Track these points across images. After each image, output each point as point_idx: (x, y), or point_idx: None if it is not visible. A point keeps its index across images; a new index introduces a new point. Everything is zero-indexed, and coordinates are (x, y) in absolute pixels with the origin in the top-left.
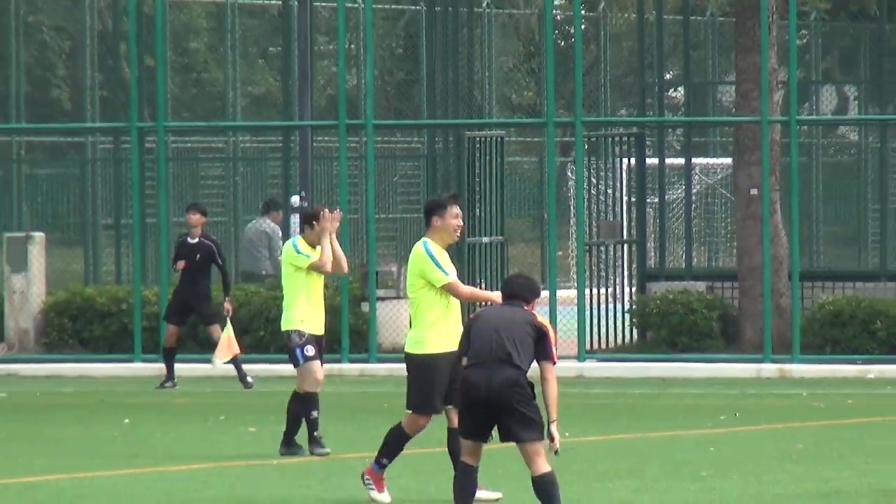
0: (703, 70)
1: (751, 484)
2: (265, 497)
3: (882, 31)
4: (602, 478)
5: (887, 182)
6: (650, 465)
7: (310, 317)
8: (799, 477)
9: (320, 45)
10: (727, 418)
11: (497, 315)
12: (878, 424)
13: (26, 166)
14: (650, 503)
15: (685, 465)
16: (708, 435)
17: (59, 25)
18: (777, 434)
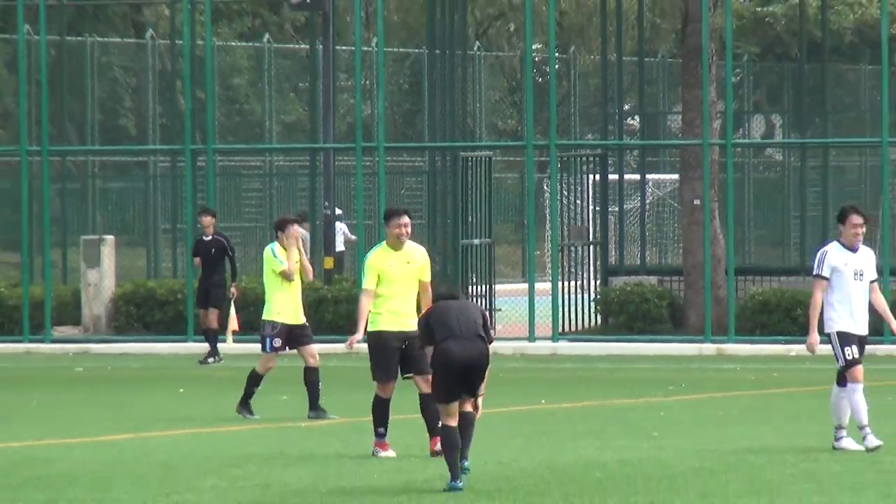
0: (655, 102)
1: (693, 442)
2: (294, 453)
3: (801, 70)
4: (572, 437)
5: (806, 194)
6: (611, 427)
7: (286, 310)
8: (733, 436)
9: (341, 81)
10: (674, 388)
11: (452, 305)
12: (798, 393)
13: (99, 181)
14: (611, 459)
15: (639, 427)
16: (658, 402)
17: (126, 65)
18: (715, 401)
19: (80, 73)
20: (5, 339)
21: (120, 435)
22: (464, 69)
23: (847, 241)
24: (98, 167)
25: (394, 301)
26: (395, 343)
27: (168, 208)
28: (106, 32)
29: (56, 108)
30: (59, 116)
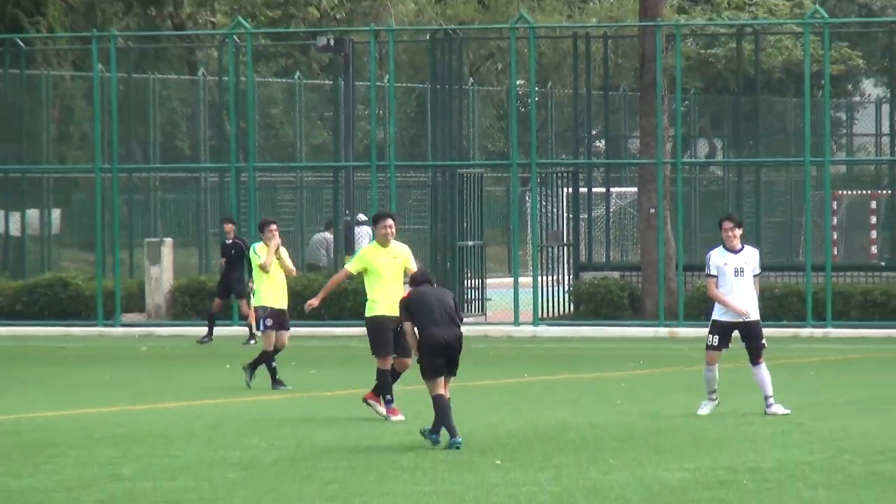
0: (617, 127)
1: (649, 408)
2: (321, 417)
3: (738, 101)
4: (550, 405)
5: (742, 204)
6: (582, 397)
7: (272, 296)
8: (682, 403)
9: (358, 110)
10: (633, 364)
11: (429, 292)
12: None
13: (160, 193)
14: (582, 422)
15: (605, 396)
16: (621, 376)
17: (182, 97)
18: (667, 375)
19: (144, 103)
20: (82, 323)
21: (176, 403)
22: (460, 101)
23: (727, 244)
24: (158, 181)
25: (386, 290)
26: (390, 325)
27: (216, 215)
28: (165, 71)
29: (124, 133)
30: (126, 139)
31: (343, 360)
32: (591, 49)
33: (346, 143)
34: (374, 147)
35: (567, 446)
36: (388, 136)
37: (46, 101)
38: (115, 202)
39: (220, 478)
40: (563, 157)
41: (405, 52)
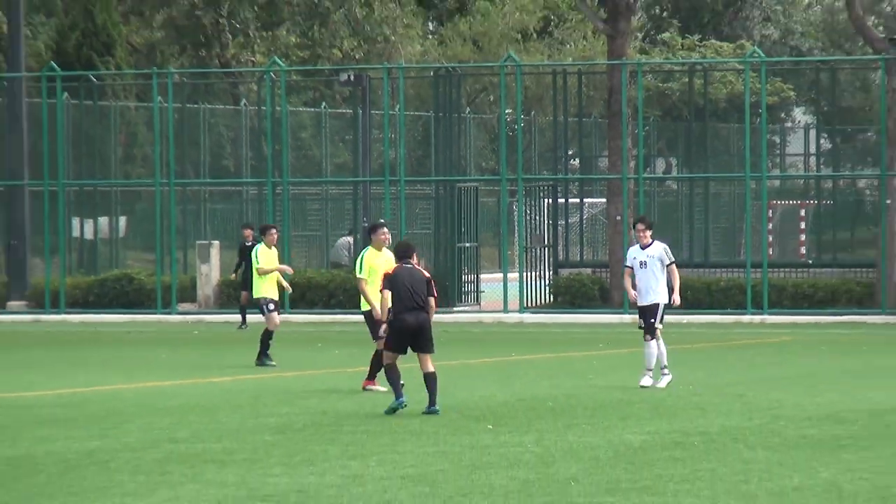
0: (590, 148)
1: (615, 382)
2: (345, 389)
3: (690, 126)
4: (533, 379)
5: (693, 212)
6: (560, 372)
7: (269, 290)
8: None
9: (374, 134)
10: (603, 345)
11: (406, 274)
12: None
13: (209, 203)
14: (560, 393)
15: (579, 371)
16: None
17: (227, 123)
18: (630, 354)
19: (195, 129)
20: (144, 311)
21: (222, 378)
22: (458, 127)
23: (639, 241)
24: (207, 194)
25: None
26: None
27: (257, 222)
28: (213, 101)
29: (179, 153)
30: (181, 159)
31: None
32: (567, 83)
33: (364, 161)
34: (387, 165)
35: (547, 414)
36: (399, 156)
37: (115, 127)
38: (172, 211)
39: (258, 440)
40: (545, 173)
41: (412, 86)
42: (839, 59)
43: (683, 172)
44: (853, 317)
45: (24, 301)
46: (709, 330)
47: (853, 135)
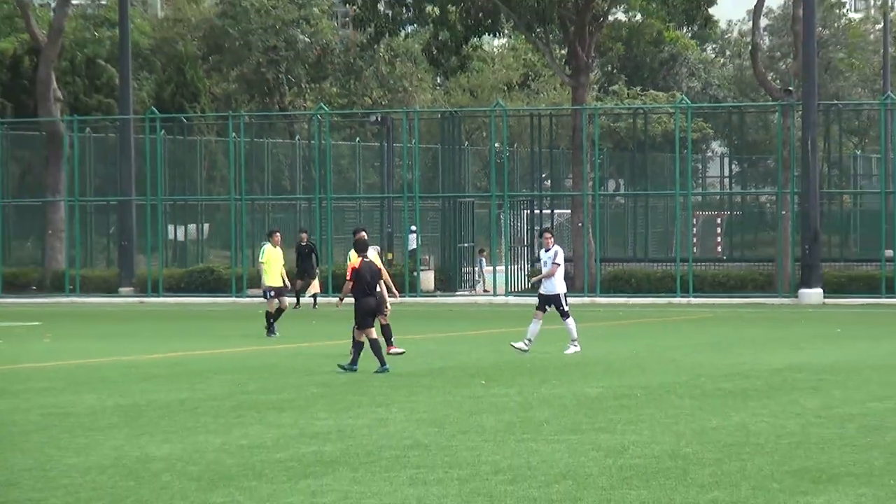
0: (558, 171)
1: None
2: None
3: (634, 156)
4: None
5: (637, 222)
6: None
7: (273, 280)
8: (598, 344)
9: (396, 161)
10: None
11: (366, 268)
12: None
13: (271, 214)
14: (536, 357)
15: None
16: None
17: (285, 153)
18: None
19: (260, 157)
20: (223, 295)
21: (283, 345)
22: (459, 156)
23: (544, 246)
24: (270, 206)
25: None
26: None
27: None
28: (274, 137)
29: (249, 176)
30: (250, 180)
31: None
32: (541, 123)
33: (388, 182)
34: (405, 185)
35: (526, 372)
36: (414, 178)
37: (200, 156)
38: (243, 219)
39: (308, 392)
40: (524, 191)
41: (424, 125)
42: (746, 104)
43: (629, 190)
44: (757, 299)
45: (131, 287)
46: (648, 309)
47: (756, 162)
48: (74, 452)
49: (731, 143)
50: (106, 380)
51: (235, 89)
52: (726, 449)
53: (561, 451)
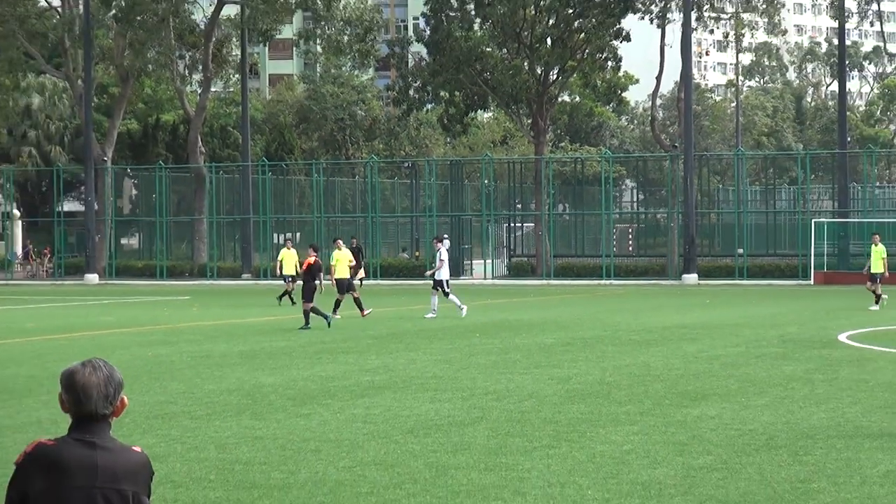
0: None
1: (539, 314)
2: (407, 318)
3: (576, 189)
4: (498, 313)
5: (577, 231)
6: (511, 308)
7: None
8: (555, 313)
9: (420, 193)
10: (534, 297)
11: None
12: (573, 298)
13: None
14: (512, 318)
15: (521, 308)
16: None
17: (349, 188)
18: (547, 301)
19: (334, 190)
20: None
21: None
22: (462, 190)
23: (434, 248)
24: (339, 222)
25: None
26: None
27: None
28: (342, 177)
29: (326, 202)
30: (326, 206)
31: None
32: (514, 168)
33: (415, 206)
34: (426, 208)
35: (506, 329)
36: (434, 203)
37: (293, 189)
38: (322, 231)
39: (364, 343)
40: (504, 211)
41: (440, 169)
42: (648, 155)
43: (572, 211)
44: (655, 281)
45: (249, 274)
46: (584, 289)
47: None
48: (211, 381)
49: (637, 180)
50: (232, 334)
51: (316, 146)
52: (635, 378)
53: (528, 379)
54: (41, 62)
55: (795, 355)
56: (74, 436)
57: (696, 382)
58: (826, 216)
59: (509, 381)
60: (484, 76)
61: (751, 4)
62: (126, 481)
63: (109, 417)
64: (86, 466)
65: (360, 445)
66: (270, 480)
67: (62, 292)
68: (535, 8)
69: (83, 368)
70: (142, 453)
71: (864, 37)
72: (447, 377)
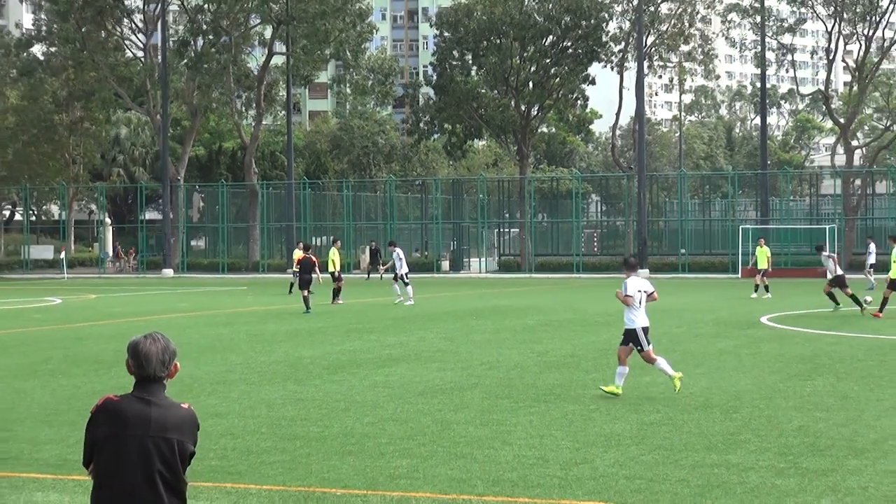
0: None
1: (521, 300)
2: (423, 305)
3: (553, 202)
4: (490, 299)
5: (553, 235)
6: (501, 296)
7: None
8: (531, 297)
9: (429, 205)
10: (521, 287)
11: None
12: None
13: (363, 233)
14: (500, 304)
15: (507, 296)
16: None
17: (372, 200)
18: (527, 291)
19: (361, 203)
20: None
21: (366, 299)
22: (462, 202)
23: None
24: (364, 228)
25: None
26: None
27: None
28: (366, 192)
29: (354, 211)
30: (354, 214)
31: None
32: (503, 185)
33: (425, 215)
34: (433, 217)
35: (496, 314)
36: (439, 212)
37: (328, 202)
38: (352, 235)
39: (384, 323)
40: (495, 219)
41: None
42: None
43: (549, 219)
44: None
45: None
46: (559, 281)
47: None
48: (263, 354)
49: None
50: (279, 317)
51: (346, 167)
52: (598, 352)
53: (514, 353)
54: (128, 101)
55: (726, 334)
56: (135, 394)
57: None
58: (750, 223)
59: (499, 354)
60: (479, 112)
61: (691, 56)
62: (173, 431)
63: (164, 379)
64: (141, 418)
65: (381, 405)
66: (309, 433)
67: (144, 284)
68: (520, 58)
69: (145, 340)
70: (189, 409)
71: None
72: (450, 351)
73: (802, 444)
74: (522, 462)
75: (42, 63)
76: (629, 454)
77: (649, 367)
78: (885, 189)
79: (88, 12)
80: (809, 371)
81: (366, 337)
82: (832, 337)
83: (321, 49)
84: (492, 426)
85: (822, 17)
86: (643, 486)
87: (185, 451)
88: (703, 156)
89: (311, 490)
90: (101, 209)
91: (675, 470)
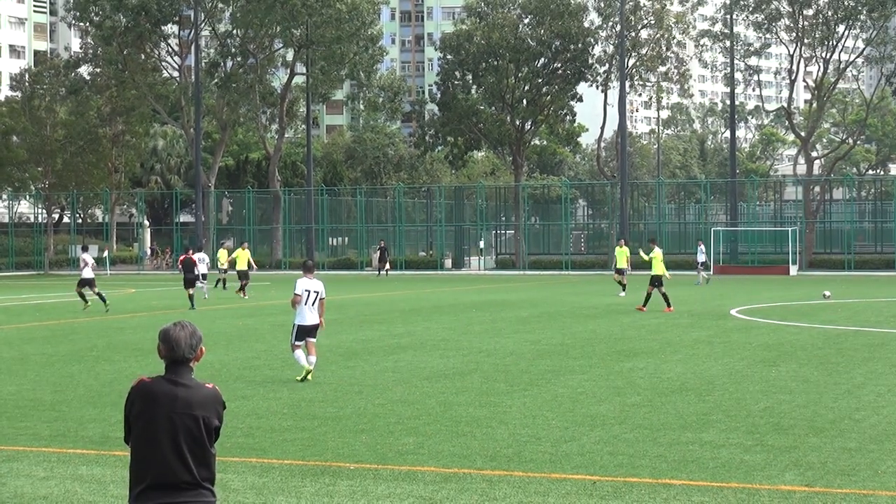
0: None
1: (514, 292)
2: (437, 297)
3: (545, 207)
4: (488, 293)
5: (544, 236)
6: (498, 290)
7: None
8: (522, 293)
9: (434, 209)
10: (516, 283)
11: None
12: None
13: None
14: (498, 298)
15: (503, 290)
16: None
17: (384, 205)
18: (522, 286)
19: (373, 208)
20: (353, 271)
21: (378, 293)
22: (463, 206)
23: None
24: (375, 230)
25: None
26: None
27: (387, 241)
28: (379, 198)
29: (366, 215)
30: (367, 217)
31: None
32: (500, 191)
33: (430, 218)
34: (438, 220)
35: (494, 307)
36: (443, 216)
37: (343, 207)
38: (365, 237)
39: (392, 315)
40: (492, 222)
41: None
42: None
43: (541, 222)
44: (600, 272)
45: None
46: (550, 277)
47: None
48: (284, 343)
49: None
50: None
51: (359, 176)
52: (585, 341)
53: (510, 342)
54: (164, 116)
55: (700, 324)
56: (166, 376)
57: (629, 344)
58: (721, 226)
59: (496, 342)
60: (478, 126)
61: (667, 76)
62: (198, 408)
63: (192, 362)
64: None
65: (390, 388)
66: (326, 413)
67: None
68: (515, 78)
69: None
70: (213, 388)
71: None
72: (452, 340)
73: (768, 423)
74: (517, 439)
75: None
76: (612, 433)
77: (632, 352)
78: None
79: (129, 37)
80: (774, 358)
81: (377, 327)
82: (794, 328)
83: (337, 70)
84: (490, 407)
85: (785, 41)
86: (625, 461)
87: (210, 425)
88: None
89: (327, 464)
90: (141, 213)
91: (654, 447)
